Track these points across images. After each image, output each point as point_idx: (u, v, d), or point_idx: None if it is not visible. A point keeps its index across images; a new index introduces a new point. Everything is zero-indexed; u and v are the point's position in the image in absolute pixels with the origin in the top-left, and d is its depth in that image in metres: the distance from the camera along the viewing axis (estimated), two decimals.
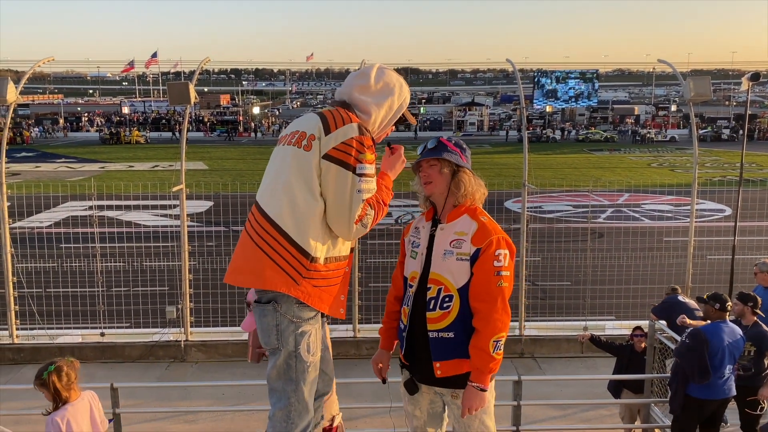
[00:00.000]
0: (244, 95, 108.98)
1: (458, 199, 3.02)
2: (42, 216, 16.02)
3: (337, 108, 2.79)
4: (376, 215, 2.76)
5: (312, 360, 2.79)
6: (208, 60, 9.71)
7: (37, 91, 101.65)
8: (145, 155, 44.25)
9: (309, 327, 2.77)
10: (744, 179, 10.17)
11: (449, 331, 2.94)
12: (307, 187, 2.67)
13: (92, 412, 3.83)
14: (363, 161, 2.67)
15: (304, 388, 2.79)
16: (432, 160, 3.04)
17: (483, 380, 2.90)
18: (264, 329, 2.77)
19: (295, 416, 2.79)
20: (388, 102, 2.87)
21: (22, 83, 8.96)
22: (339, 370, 3.28)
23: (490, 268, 2.89)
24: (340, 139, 2.66)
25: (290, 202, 2.66)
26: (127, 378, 8.39)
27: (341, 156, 2.65)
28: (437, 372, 2.97)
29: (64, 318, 9.63)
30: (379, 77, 2.87)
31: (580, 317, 9.76)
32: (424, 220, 3.17)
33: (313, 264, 2.69)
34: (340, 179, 2.65)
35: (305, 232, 2.66)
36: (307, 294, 2.69)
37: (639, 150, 48.52)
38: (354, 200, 2.66)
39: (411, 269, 3.12)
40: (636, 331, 6.55)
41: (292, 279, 2.66)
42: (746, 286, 7.50)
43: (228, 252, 12.27)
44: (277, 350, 2.75)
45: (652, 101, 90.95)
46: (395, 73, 2.93)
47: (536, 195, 21.59)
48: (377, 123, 2.87)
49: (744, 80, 9.52)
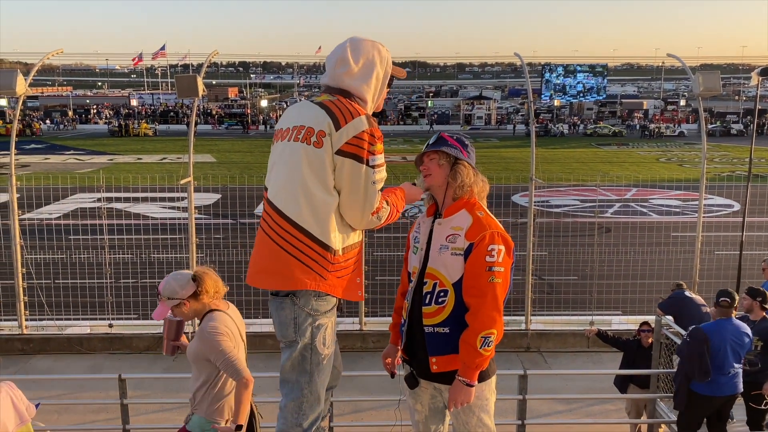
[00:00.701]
0: (252, 88, 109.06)
1: (456, 191, 3.02)
2: (51, 208, 16.08)
3: (339, 98, 2.77)
4: (389, 215, 2.80)
5: (327, 353, 2.83)
6: (216, 53, 9.72)
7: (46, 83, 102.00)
8: (154, 148, 44.37)
9: (326, 320, 2.80)
10: (753, 174, 10.12)
11: (444, 326, 2.96)
12: (323, 185, 2.69)
13: (14, 403, 3.57)
14: (375, 153, 2.70)
15: (318, 380, 2.83)
16: (431, 154, 3.07)
17: (469, 375, 2.88)
18: (282, 322, 2.78)
19: (306, 408, 2.82)
20: (374, 75, 2.86)
21: (32, 75, 8.99)
22: (345, 363, 3.30)
23: (481, 263, 2.88)
24: (352, 133, 2.67)
25: (308, 202, 2.68)
26: (135, 369, 8.44)
27: (354, 150, 2.67)
28: (433, 367, 2.99)
29: (72, 309, 9.69)
30: (357, 56, 2.83)
31: (586, 312, 9.74)
32: (425, 215, 3.19)
33: (335, 257, 2.73)
34: (355, 173, 2.68)
35: (326, 228, 2.69)
36: (332, 286, 2.75)
37: (647, 145, 48.31)
38: (369, 192, 2.70)
39: (413, 264, 3.15)
40: (643, 326, 6.53)
41: (320, 275, 2.70)
42: (754, 281, 7.46)
43: (234, 244, 12.32)
44: (294, 343, 2.77)
45: (661, 96, 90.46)
46: (368, 42, 2.88)
47: (543, 189, 21.56)
48: (373, 98, 2.89)
49: (754, 75, 9.48)
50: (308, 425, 2.84)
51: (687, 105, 69.25)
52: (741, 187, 14.04)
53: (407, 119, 67.22)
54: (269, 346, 9.18)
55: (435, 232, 3.04)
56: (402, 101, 79.85)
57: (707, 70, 8.89)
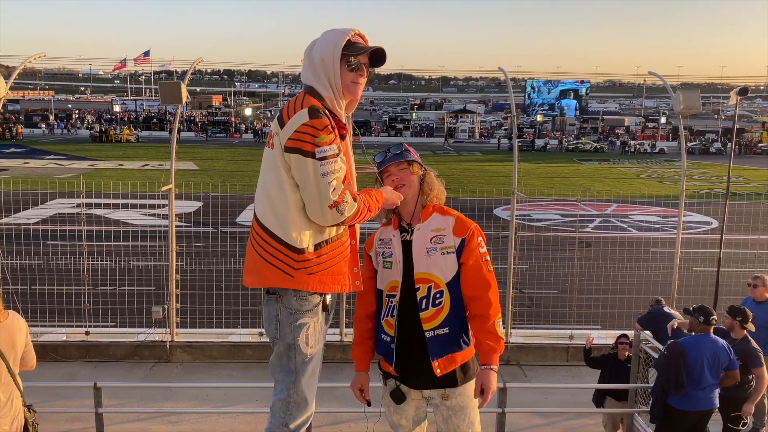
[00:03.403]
0: (237, 96, 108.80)
1: (425, 200, 3.11)
2: (29, 212, 15.88)
3: (295, 98, 2.78)
4: (357, 212, 2.74)
5: (311, 352, 2.83)
6: (201, 60, 9.70)
7: (28, 86, 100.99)
8: (135, 154, 44.02)
9: (307, 319, 2.80)
10: (731, 192, 10.26)
11: (444, 327, 3.01)
12: (278, 184, 2.72)
13: None
14: (321, 144, 2.65)
15: (303, 380, 2.84)
16: (402, 164, 3.09)
17: (494, 360, 3.02)
18: (267, 319, 2.87)
19: (293, 408, 2.85)
20: (319, 60, 2.73)
21: (12, 78, 8.89)
22: (325, 373, 3.28)
23: (477, 255, 3.03)
24: (293, 128, 2.66)
25: (269, 201, 2.75)
26: (111, 377, 8.33)
27: (297, 144, 2.66)
28: (437, 371, 3.00)
29: (48, 316, 9.56)
30: (309, 49, 2.79)
31: (566, 326, 9.79)
32: (390, 229, 3.17)
33: (301, 255, 2.73)
34: (302, 167, 2.66)
35: (286, 227, 2.72)
36: (304, 283, 2.74)
37: (628, 161, 48.83)
38: (321, 185, 2.65)
39: (389, 279, 3.12)
40: (621, 338, 6.59)
41: (286, 273, 2.73)
42: (731, 298, 7.56)
43: (215, 253, 12.26)
44: (276, 339, 2.84)
45: (642, 113, 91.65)
46: (326, 31, 2.82)
47: (525, 203, 21.67)
48: (329, 85, 2.75)
49: (732, 94, 9.61)
50: (295, 427, 2.87)
51: (668, 122, 70.20)
52: (719, 204, 14.24)
53: (391, 131, 67.47)
54: (247, 356, 9.14)
55: (415, 239, 3.06)
56: (387, 113, 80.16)
57: (688, 89, 9.03)
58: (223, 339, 9.13)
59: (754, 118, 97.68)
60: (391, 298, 3.10)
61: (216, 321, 9.34)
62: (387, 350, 3.12)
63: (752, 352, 5.60)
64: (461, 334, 3.04)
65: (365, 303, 3.22)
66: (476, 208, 10.29)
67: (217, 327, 9.41)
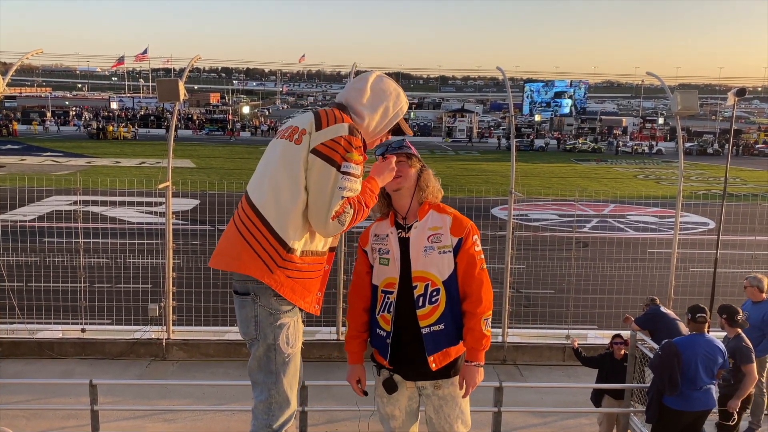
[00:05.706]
0: (234, 94, 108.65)
1: (422, 197, 3.14)
2: (26, 209, 15.84)
3: (333, 108, 2.85)
4: (355, 215, 2.77)
5: (291, 352, 2.84)
6: (199, 58, 9.67)
7: (25, 83, 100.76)
8: (132, 151, 43.94)
9: (287, 319, 2.81)
10: (728, 193, 10.27)
11: (440, 324, 3.06)
12: (292, 179, 2.72)
13: None
14: (349, 160, 2.72)
15: (284, 380, 2.84)
16: (402, 157, 3.12)
17: (480, 357, 3.09)
18: (243, 320, 2.84)
19: (276, 408, 2.85)
20: (383, 107, 2.92)
21: (9, 75, 8.87)
22: (321, 372, 3.29)
23: (472, 254, 3.09)
24: (330, 136, 2.71)
25: (275, 193, 2.73)
26: (107, 375, 8.31)
27: (328, 152, 2.70)
28: (432, 366, 3.06)
29: (45, 313, 9.54)
30: (377, 84, 2.93)
31: (562, 326, 9.80)
32: (386, 225, 3.18)
33: (289, 255, 2.72)
34: (324, 174, 2.69)
35: (285, 222, 2.71)
36: (279, 283, 2.73)
37: (625, 161, 48.86)
38: (334, 196, 2.69)
39: (385, 276, 3.15)
40: (615, 338, 6.61)
41: (267, 266, 2.71)
42: (728, 299, 7.56)
43: (212, 251, 12.18)
44: (255, 341, 2.82)
45: (640, 113, 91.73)
46: (394, 82, 2.99)
47: (523, 203, 21.68)
48: (371, 127, 2.92)
49: (730, 95, 9.62)
50: (278, 426, 2.87)
51: (665, 123, 70.27)
52: (716, 205, 14.26)
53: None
54: (244, 355, 9.12)
55: (413, 237, 3.08)
56: None
57: (685, 90, 9.03)
58: (220, 337, 9.13)
59: (751, 120, 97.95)
60: (387, 295, 3.13)
61: (212, 319, 9.33)
62: (382, 345, 3.17)
63: (742, 348, 5.66)
64: (456, 330, 3.10)
65: (361, 297, 3.25)
66: (473, 208, 10.30)
67: (213, 325, 9.38)
